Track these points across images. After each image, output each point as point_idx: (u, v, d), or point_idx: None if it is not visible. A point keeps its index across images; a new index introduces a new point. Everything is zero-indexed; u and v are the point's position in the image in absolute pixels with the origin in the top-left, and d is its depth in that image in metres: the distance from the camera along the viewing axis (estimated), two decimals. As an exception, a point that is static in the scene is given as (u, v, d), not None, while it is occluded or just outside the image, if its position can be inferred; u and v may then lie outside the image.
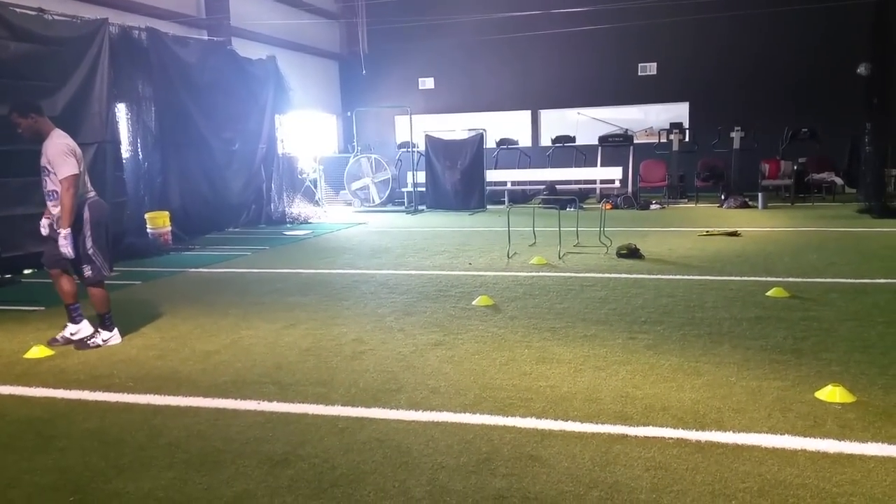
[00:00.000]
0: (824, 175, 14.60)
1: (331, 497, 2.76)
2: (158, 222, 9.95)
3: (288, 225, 12.73)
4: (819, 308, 5.50)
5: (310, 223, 12.96)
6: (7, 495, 2.88)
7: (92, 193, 5.03)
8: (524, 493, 2.75)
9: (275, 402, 3.81)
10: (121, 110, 10.01)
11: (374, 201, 15.82)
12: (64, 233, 4.74)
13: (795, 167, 14.55)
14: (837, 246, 8.62)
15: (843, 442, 3.10)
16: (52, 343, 5.05)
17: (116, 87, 9.62)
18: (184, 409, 3.78)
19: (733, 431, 3.24)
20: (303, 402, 3.80)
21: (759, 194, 13.46)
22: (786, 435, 3.19)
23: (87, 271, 4.96)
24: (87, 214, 4.92)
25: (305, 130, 16.41)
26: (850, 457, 2.96)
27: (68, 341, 5.09)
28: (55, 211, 4.87)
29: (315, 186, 15.02)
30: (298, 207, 13.47)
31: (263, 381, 4.15)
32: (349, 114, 17.83)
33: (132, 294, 6.97)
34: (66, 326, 5.18)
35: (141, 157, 10.31)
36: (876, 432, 3.18)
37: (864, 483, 2.73)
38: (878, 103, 12.12)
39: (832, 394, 3.58)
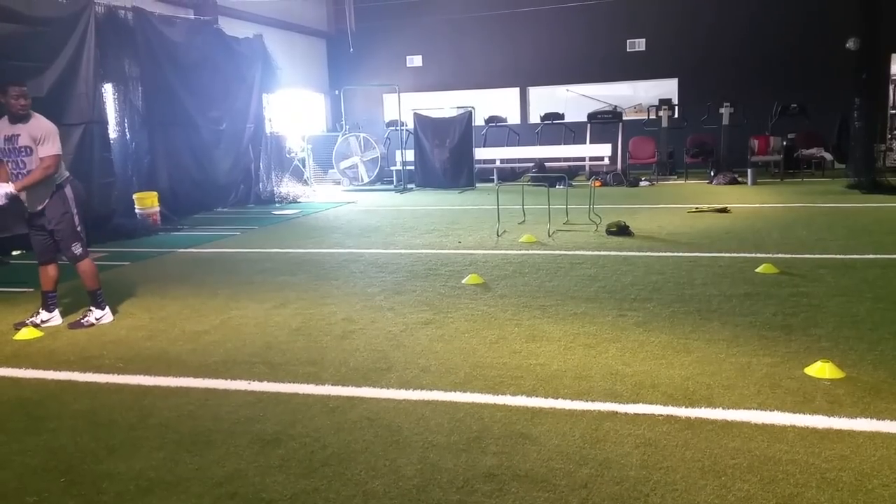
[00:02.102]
0: (813, 151, 14.62)
1: (322, 476, 2.77)
2: (147, 203, 9.86)
3: (277, 204, 12.65)
4: (808, 284, 5.52)
5: (298, 202, 12.88)
6: (-4, 478, 2.87)
7: (67, 173, 5.01)
8: (514, 470, 2.75)
9: (265, 382, 3.80)
10: (108, 90, 9.87)
11: (362, 180, 15.74)
12: (8, 191, 4.66)
13: (784, 143, 14.57)
14: (826, 221, 8.65)
15: (832, 417, 3.12)
16: (17, 326, 4.98)
17: (103, 68, 9.50)
18: (174, 389, 3.77)
19: (723, 408, 3.26)
20: (293, 382, 3.79)
21: (749, 170, 13.47)
22: (775, 411, 3.21)
23: (77, 248, 4.96)
24: (70, 193, 4.90)
25: (293, 109, 16.25)
26: (840, 432, 2.98)
27: (36, 326, 5.01)
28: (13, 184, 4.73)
29: (303, 165, 14.92)
30: (287, 187, 13.39)
31: (254, 361, 4.14)
32: (337, 92, 17.66)
33: (121, 275, 6.92)
34: (38, 313, 5.12)
35: (128, 137, 10.21)
36: (865, 408, 3.21)
37: (853, 458, 2.75)
38: (866, 78, 12.11)
39: (821, 370, 3.60)
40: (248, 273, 6.72)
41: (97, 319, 5.06)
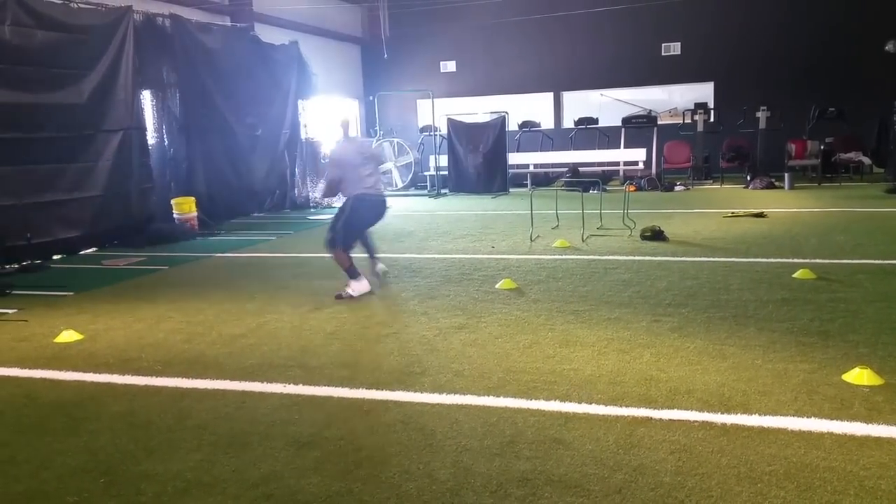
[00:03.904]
0: (851, 155, 14.30)
1: (356, 478, 2.80)
2: (185, 208, 10.06)
3: (312, 209, 12.80)
4: (846, 289, 5.42)
5: (333, 208, 12.99)
6: (39, 476, 2.96)
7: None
8: (548, 475, 2.76)
9: (300, 385, 3.85)
10: (146, 97, 10.10)
11: (396, 185, 15.82)
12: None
13: (822, 147, 14.28)
14: (865, 227, 8.47)
15: (870, 425, 3.06)
16: (338, 298, 5.76)
17: (141, 74, 9.72)
18: (211, 391, 3.84)
19: (759, 414, 3.22)
20: (328, 385, 3.84)
21: (786, 175, 13.24)
22: (812, 418, 3.16)
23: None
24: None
25: (329, 115, 16.43)
26: (878, 440, 2.93)
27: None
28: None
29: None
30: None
31: (289, 365, 4.20)
32: (371, 98, 17.81)
33: (159, 279, 7.07)
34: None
35: (166, 143, 10.43)
36: (905, 415, 3.14)
37: (892, 466, 2.70)
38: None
39: (860, 376, 3.53)
40: (283, 277, 6.82)
41: (353, 291, 5.78)
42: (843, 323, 4.56)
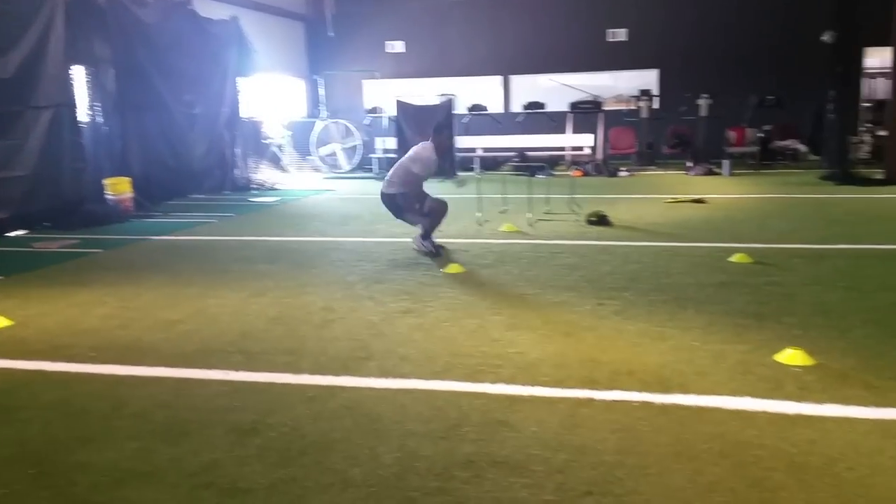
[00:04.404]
0: (788, 142, 14.78)
1: (300, 465, 2.76)
2: (119, 188, 9.71)
3: (254, 191, 12.53)
4: (781, 273, 5.60)
5: (276, 190, 12.78)
6: (-33, 468, 2.83)
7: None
8: (492, 457, 2.78)
9: (242, 372, 3.78)
10: (78, 73, 9.68)
11: (342, 168, 15.64)
12: None
13: (761, 134, 14.70)
14: (800, 212, 8.77)
15: (801, 403, 3.18)
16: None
17: (72, 49, 9.29)
18: (148, 379, 3.73)
19: (696, 394, 3.31)
20: (271, 371, 3.78)
21: (725, 161, 13.60)
22: (747, 397, 3.26)
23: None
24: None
25: (271, 94, 16.10)
26: (808, 418, 3.04)
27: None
28: None
29: (281, 152, 14.78)
30: (264, 173, 13.26)
31: (230, 351, 4.11)
32: (315, 77, 17.51)
33: (93, 262, 6.82)
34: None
35: (99, 121, 10.03)
36: (833, 394, 3.27)
37: (821, 443, 2.81)
38: (841, 71, 12.25)
39: (792, 357, 3.66)
40: (224, 261, 6.67)
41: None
42: (777, 305, 4.72)
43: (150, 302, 5.24)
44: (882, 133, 12.93)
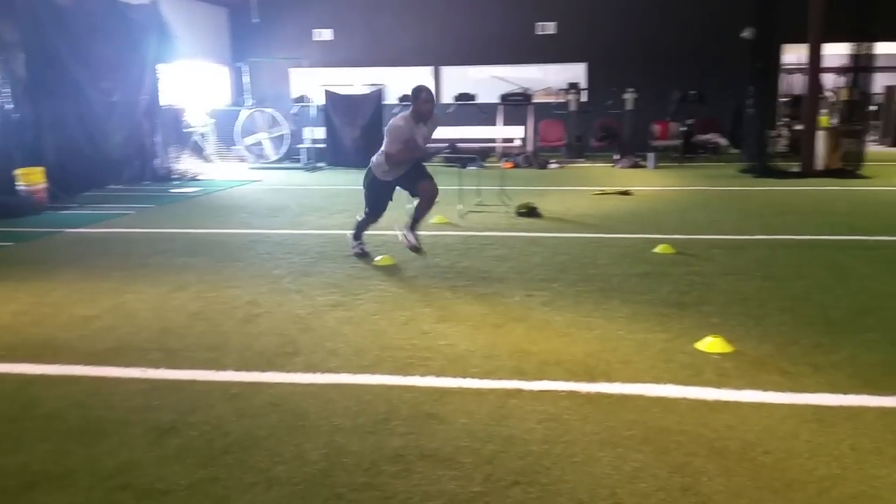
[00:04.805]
0: (709, 136, 15.31)
1: (222, 464, 2.68)
2: (32, 178, 9.21)
3: (175, 182, 12.11)
4: (702, 263, 5.79)
5: (199, 180, 12.39)
6: None
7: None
8: (422, 450, 2.76)
9: (161, 369, 3.64)
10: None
11: (269, 157, 15.31)
12: None
13: (684, 128, 15.18)
14: (721, 204, 9.09)
15: (720, 389, 3.29)
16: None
17: (-23, 31, 8.76)
18: (62, 377, 3.55)
19: (621, 382, 3.38)
20: (192, 369, 3.65)
21: (650, 154, 13.97)
22: (669, 384, 3.35)
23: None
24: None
25: (193, 81, 15.60)
26: (727, 403, 3.15)
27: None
28: None
29: (205, 141, 14.34)
30: (186, 163, 12.83)
31: (149, 348, 3.95)
32: (240, 65, 17.04)
33: (4, 256, 6.46)
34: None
35: (9, 107, 9.48)
36: (751, 380, 3.39)
37: (738, 428, 2.91)
38: (760, 67, 12.75)
39: (712, 344, 3.78)
40: (143, 255, 6.41)
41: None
42: (698, 295, 4.87)
43: (65, 297, 4.99)
44: (798, 127, 13.55)
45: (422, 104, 5.65)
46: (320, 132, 14.83)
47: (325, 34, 18.05)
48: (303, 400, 3.24)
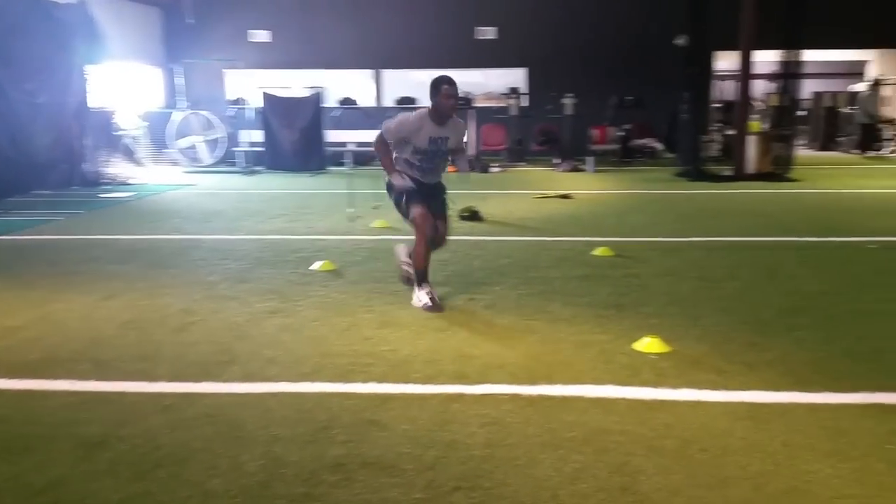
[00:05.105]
0: (646, 140, 15.69)
1: (154, 478, 2.58)
2: (-50, 183, 8.76)
3: (105, 186, 11.68)
4: (639, 265, 5.90)
5: (130, 184, 11.99)
6: None
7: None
8: (363, 458, 2.72)
9: (91, 381, 3.49)
10: None
11: (204, 161, 14.94)
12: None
13: (621, 133, 15.51)
14: (657, 207, 9.31)
15: (658, 389, 3.35)
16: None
17: None
18: (-18, 393, 3.37)
19: (562, 384, 3.41)
20: (123, 380, 3.51)
21: (589, 158, 14.22)
22: (608, 385, 3.39)
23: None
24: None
25: (124, 83, 15.11)
26: (664, 402, 3.20)
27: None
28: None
29: (136, 144, 13.90)
30: (117, 167, 12.40)
31: (77, 359, 3.78)
32: (173, 66, 16.58)
33: (-83, 265, 6.10)
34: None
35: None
36: (687, 379, 3.46)
37: (676, 426, 2.96)
38: (693, 73, 13.13)
39: (650, 345, 3.85)
40: (72, 262, 6.15)
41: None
42: (635, 296, 4.96)
43: (-15, 308, 4.74)
44: (730, 132, 13.99)
45: (443, 98, 4.55)
46: (258, 135, 14.57)
47: (262, 35, 17.72)
48: (240, 410, 3.16)
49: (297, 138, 14.29)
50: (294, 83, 16.45)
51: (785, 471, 2.60)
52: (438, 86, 4.56)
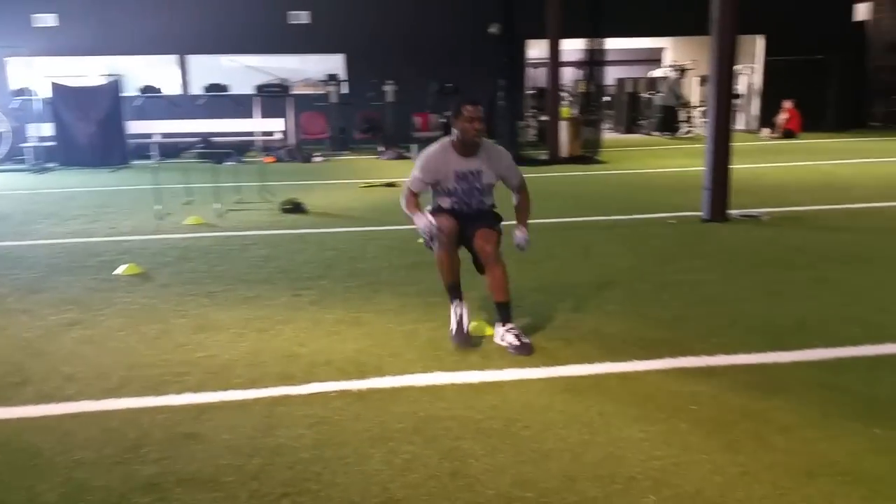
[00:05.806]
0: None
1: (-77, 531, 2.21)
2: None
3: None
4: (462, 250, 5.99)
5: None
6: None
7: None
8: (178, 475, 2.51)
9: None
10: None
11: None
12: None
13: (443, 120, 15.80)
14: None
15: (484, 371, 3.41)
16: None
17: None
18: None
19: (391, 375, 3.38)
20: None
21: (413, 146, 14.35)
22: (437, 372, 3.41)
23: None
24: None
25: None
26: (490, 384, 3.27)
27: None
28: None
29: None
30: None
31: None
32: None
33: None
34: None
35: None
36: (511, 359, 3.57)
37: (501, 406, 3.03)
38: (508, 61, 13.66)
39: (478, 328, 3.92)
40: None
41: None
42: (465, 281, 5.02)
43: None
44: (544, 118, 14.74)
45: (465, 122, 3.86)
46: (48, 128, 13.19)
47: (48, 20, 16.01)
48: (35, 435, 2.82)
49: (94, 131, 13.10)
50: (88, 71, 15.08)
51: (601, 439, 2.74)
52: (459, 107, 3.88)
